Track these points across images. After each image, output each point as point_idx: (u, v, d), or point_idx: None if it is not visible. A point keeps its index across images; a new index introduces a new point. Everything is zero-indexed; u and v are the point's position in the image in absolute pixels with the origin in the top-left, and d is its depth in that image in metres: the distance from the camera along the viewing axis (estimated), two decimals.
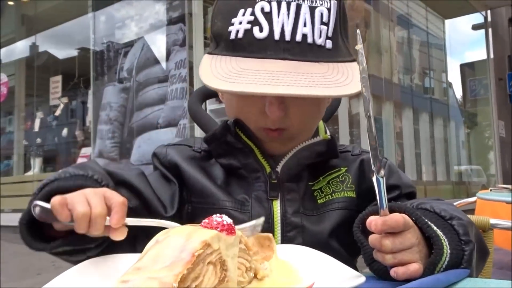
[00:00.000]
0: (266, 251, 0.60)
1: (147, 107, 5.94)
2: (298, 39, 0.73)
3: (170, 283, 0.43)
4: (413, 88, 7.72)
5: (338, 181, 0.86)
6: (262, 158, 0.83)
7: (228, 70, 0.73)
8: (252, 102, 0.79)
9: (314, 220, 0.82)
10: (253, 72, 0.71)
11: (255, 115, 0.79)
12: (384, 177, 0.62)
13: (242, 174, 0.84)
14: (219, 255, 0.50)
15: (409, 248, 0.61)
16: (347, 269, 0.54)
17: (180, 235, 0.50)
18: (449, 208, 0.70)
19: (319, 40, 0.74)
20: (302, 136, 0.84)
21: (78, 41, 7.89)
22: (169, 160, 0.87)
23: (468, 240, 0.64)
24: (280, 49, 0.73)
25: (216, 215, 0.53)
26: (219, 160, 0.86)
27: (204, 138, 0.89)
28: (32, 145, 8.07)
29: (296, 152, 0.83)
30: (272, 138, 0.81)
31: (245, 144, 0.83)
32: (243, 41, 0.74)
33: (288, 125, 0.79)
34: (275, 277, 0.57)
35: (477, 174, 9.50)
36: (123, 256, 0.61)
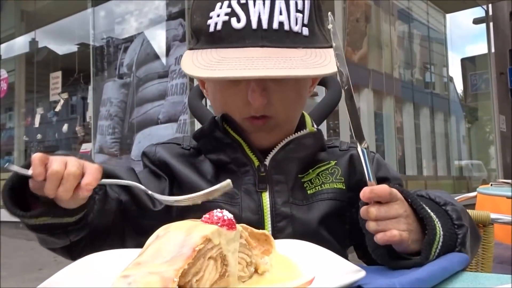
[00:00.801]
0: (264, 245, 0.60)
1: (147, 103, 5.94)
2: (275, 27, 0.76)
3: (171, 278, 0.43)
4: (414, 83, 7.71)
5: (327, 173, 0.88)
6: (250, 152, 0.85)
7: (209, 60, 0.75)
8: (235, 92, 0.80)
9: (304, 209, 0.84)
10: (233, 59, 0.74)
11: (239, 105, 0.81)
12: (367, 148, 0.66)
13: (231, 169, 0.86)
14: (219, 250, 0.50)
15: (394, 218, 0.64)
16: (347, 263, 0.54)
17: (180, 230, 0.50)
18: (443, 195, 0.74)
19: (295, 27, 0.77)
20: (286, 125, 0.86)
21: (78, 36, 7.88)
22: (159, 158, 0.89)
23: (461, 224, 0.68)
24: (258, 38, 0.76)
25: (217, 210, 0.53)
26: (208, 155, 0.88)
27: (193, 135, 0.90)
28: (33, 141, 8.08)
29: (283, 145, 0.85)
30: (258, 127, 0.82)
31: (233, 139, 0.84)
32: (222, 33, 0.77)
33: (272, 113, 0.81)
34: (276, 272, 0.57)
35: (477, 168, 9.51)
36: (124, 251, 0.61)
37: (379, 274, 0.58)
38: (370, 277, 0.51)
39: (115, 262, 0.55)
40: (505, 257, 2.16)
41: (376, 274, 0.59)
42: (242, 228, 0.56)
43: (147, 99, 5.99)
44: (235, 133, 0.84)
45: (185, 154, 0.90)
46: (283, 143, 0.85)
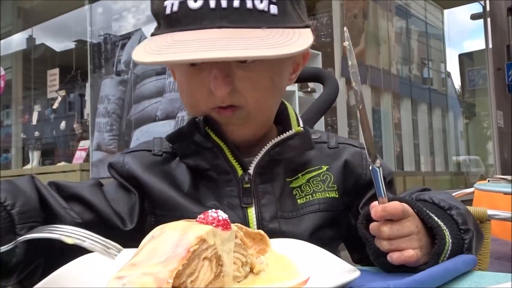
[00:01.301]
0: (260, 245, 0.60)
1: (145, 100, 5.93)
2: (235, 5, 0.69)
3: (165, 279, 0.43)
4: (412, 79, 7.71)
5: (319, 180, 0.81)
6: (233, 159, 0.77)
7: (161, 44, 0.69)
8: (198, 81, 0.74)
9: (294, 222, 0.78)
10: (184, 42, 0.67)
11: (204, 95, 0.74)
12: (380, 167, 0.62)
13: (211, 176, 0.78)
14: (214, 251, 0.50)
15: (407, 235, 0.62)
16: (342, 262, 0.55)
17: (175, 231, 0.50)
18: (447, 197, 0.71)
19: (260, 5, 0.69)
20: (260, 116, 0.78)
21: (75, 33, 7.86)
22: (127, 171, 0.81)
23: (467, 228, 0.66)
24: (217, 17, 0.69)
25: (212, 211, 0.53)
26: (185, 160, 0.80)
27: (168, 136, 0.83)
28: (30, 138, 8.07)
29: (268, 150, 0.78)
30: (226, 119, 0.75)
31: (214, 143, 0.76)
32: (178, 14, 0.70)
33: (241, 102, 0.74)
34: (271, 271, 0.57)
35: (475, 164, 9.52)
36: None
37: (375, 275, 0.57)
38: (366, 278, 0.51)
39: (109, 262, 0.55)
40: (502, 252, 2.16)
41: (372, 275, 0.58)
42: (237, 228, 0.56)
43: (144, 96, 5.98)
44: (217, 137, 0.76)
45: (157, 162, 0.82)
46: (267, 147, 0.78)
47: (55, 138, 8.33)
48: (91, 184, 0.80)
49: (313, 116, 1.32)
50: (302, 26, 0.73)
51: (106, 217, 0.76)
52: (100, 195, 0.78)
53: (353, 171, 0.84)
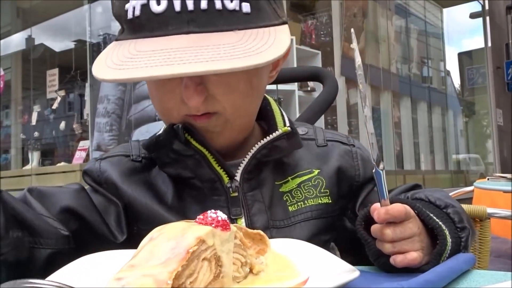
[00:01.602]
0: (259, 244, 0.60)
1: (144, 100, 5.92)
2: (203, 7, 0.62)
3: (165, 280, 0.43)
4: (411, 78, 7.71)
5: (310, 185, 0.77)
6: (217, 165, 0.71)
7: (122, 55, 0.62)
8: (169, 90, 0.68)
9: (286, 232, 0.74)
10: (148, 53, 0.60)
11: (177, 103, 0.68)
12: (383, 170, 0.61)
13: (195, 184, 0.73)
14: (214, 251, 0.50)
15: (410, 237, 0.61)
16: (341, 262, 0.54)
17: (174, 232, 0.50)
18: (442, 196, 0.70)
19: (230, 4, 0.63)
20: (240, 120, 0.72)
21: (75, 33, 7.85)
22: (106, 179, 0.75)
23: (463, 226, 0.66)
24: (183, 22, 0.62)
25: (211, 211, 0.53)
26: (165, 169, 0.74)
27: (144, 145, 0.76)
28: (30, 139, 8.06)
29: (254, 153, 0.73)
30: (204, 127, 0.69)
31: (196, 150, 0.70)
32: (141, 19, 0.64)
33: (218, 108, 0.68)
34: (271, 271, 0.57)
35: (475, 162, 9.52)
36: (117, 253, 0.61)
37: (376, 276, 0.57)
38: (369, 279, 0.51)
39: (109, 264, 0.55)
40: (502, 251, 2.17)
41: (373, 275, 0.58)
42: (236, 228, 0.55)
43: (144, 96, 5.97)
44: (198, 143, 0.70)
45: (137, 169, 0.76)
46: (254, 150, 0.73)
47: (54, 138, 8.32)
48: (76, 190, 0.74)
49: (313, 115, 1.32)
50: (278, 23, 0.67)
51: (97, 226, 0.72)
52: (87, 202, 0.73)
53: (346, 175, 0.81)
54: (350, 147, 0.83)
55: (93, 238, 0.71)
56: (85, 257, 0.59)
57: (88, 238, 0.71)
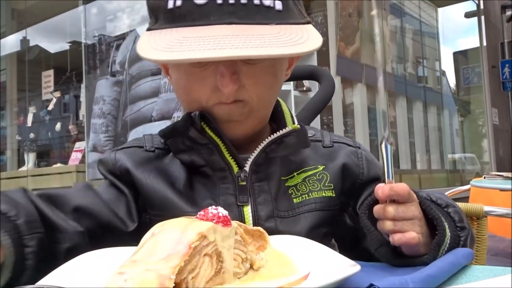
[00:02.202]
0: (259, 241, 0.60)
1: (140, 100, 5.92)
2: (243, 1, 0.67)
3: (168, 275, 0.43)
4: (407, 77, 7.73)
5: (315, 179, 0.80)
6: (229, 155, 0.76)
7: (169, 41, 0.66)
8: (202, 78, 0.72)
9: (290, 222, 0.77)
10: (196, 39, 0.64)
11: (207, 92, 0.72)
12: (392, 144, 0.64)
13: (206, 172, 0.77)
14: (215, 247, 0.50)
15: (411, 219, 0.63)
16: (342, 258, 0.55)
17: (176, 227, 0.50)
18: (443, 196, 0.72)
19: (266, 1, 0.68)
20: (261, 111, 0.77)
21: (70, 34, 7.84)
22: (120, 167, 0.79)
23: (463, 226, 0.67)
24: (224, 13, 0.67)
25: (212, 207, 0.53)
26: (179, 156, 0.78)
27: (162, 132, 0.81)
28: (25, 140, 8.04)
29: (264, 147, 0.77)
30: (230, 112, 0.74)
31: (210, 139, 0.75)
32: (182, 9, 0.68)
33: (246, 97, 0.73)
34: (271, 267, 0.58)
35: (471, 162, 9.56)
36: (119, 249, 0.61)
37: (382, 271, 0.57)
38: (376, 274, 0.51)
39: (110, 260, 0.55)
40: (499, 249, 2.17)
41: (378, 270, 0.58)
42: (237, 224, 0.56)
43: (140, 96, 5.96)
44: (213, 133, 0.75)
45: (150, 158, 0.80)
46: (264, 144, 0.77)
47: (50, 139, 8.30)
48: (83, 189, 0.77)
49: (309, 115, 1.33)
50: (304, 22, 0.72)
51: (107, 220, 0.74)
52: (96, 198, 0.76)
53: (351, 172, 0.84)
54: (355, 148, 0.87)
55: (105, 232, 0.74)
56: (85, 254, 0.59)
57: (101, 232, 0.73)
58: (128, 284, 0.44)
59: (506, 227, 2.28)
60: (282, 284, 0.52)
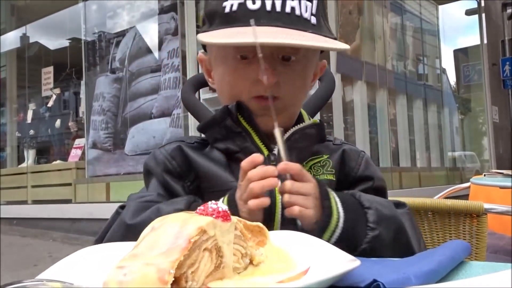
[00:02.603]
0: (259, 237, 0.60)
1: (140, 97, 5.92)
2: (287, 11, 0.81)
3: (167, 269, 0.43)
4: (407, 75, 7.72)
5: (319, 165, 0.90)
6: (260, 142, 0.87)
7: (226, 33, 0.79)
8: (245, 73, 0.84)
9: None
10: (250, 31, 0.75)
11: (248, 85, 0.84)
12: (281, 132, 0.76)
13: (240, 158, 0.83)
14: (214, 242, 0.50)
15: (306, 195, 0.73)
16: (342, 253, 0.55)
17: (175, 222, 0.50)
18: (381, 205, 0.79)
19: (305, 14, 0.82)
20: (291, 110, 0.89)
21: (69, 31, 7.83)
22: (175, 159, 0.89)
23: (374, 227, 0.75)
24: (272, 19, 0.80)
25: (211, 202, 0.53)
26: (216, 145, 0.89)
27: (199, 126, 0.92)
28: (25, 137, 8.04)
29: (289, 136, 0.87)
30: (265, 108, 0.82)
31: (243, 128, 0.86)
32: (237, 13, 0.81)
33: (280, 94, 0.84)
34: (271, 263, 0.57)
35: (471, 159, 9.56)
36: (119, 244, 0.61)
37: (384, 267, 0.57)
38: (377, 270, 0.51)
39: (110, 254, 0.55)
40: (498, 246, 2.17)
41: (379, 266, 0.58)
42: (236, 220, 0.55)
43: (140, 93, 5.96)
44: (246, 122, 0.87)
45: (194, 147, 0.91)
46: (289, 133, 0.88)
47: (50, 136, 8.30)
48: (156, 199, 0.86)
49: (310, 112, 1.32)
50: (333, 37, 0.85)
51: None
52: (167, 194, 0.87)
53: (348, 161, 0.93)
54: (360, 151, 0.97)
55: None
56: (85, 249, 0.59)
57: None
58: (127, 278, 0.44)
59: (505, 225, 2.28)
60: (282, 279, 0.52)
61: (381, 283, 0.46)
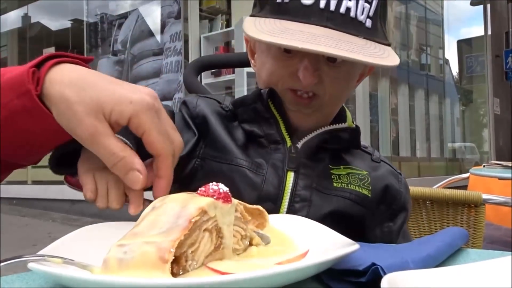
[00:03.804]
0: (258, 219, 0.60)
1: (141, 80, 5.90)
2: (342, 11, 0.76)
3: (167, 248, 0.44)
4: (410, 65, 7.69)
5: (357, 177, 0.87)
6: (286, 132, 0.85)
7: (272, 28, 0.75)
8: (286, 65, 0.81)
9: (324, 198, 0.83)
10: (297, 31, 0.73)
11: (285, 76, 0.82)
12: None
13: (262, 143, 0.86)
14: (215, 223, 0.50)
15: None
16: (341, 237, 0.55)
17: (176, 202, 0.50)
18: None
19: (361, 16, 0.77)
20: (328, 110, 0.86)
21: (71, 12, 7.77)
22: (198, 112, 0.88)
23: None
24: (323, 18, 0.76)
25: (213, 183, 0.53)
26: (243, 124, 0.88)
27: (233, 102, 0.91)
28: None
29: (318, 134, 0.85)
30: (301, 105, 0.83)
31: (272, 115, 0.85)
32: (289, 5, 0.78)
33: (320, 92, 0.81)
34: (270, 245, 0.58)
35: (470, 151, 9.57)
36: (119, 223, 0.62)
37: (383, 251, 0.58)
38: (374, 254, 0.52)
39: (110, 232, 0.56)
40: (495, 237, 2.19)
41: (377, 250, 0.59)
42: (237, 202, 0.56)
43: (141, 76, 5.95)
44: (276, 110, 0.85)
45: (222, 115, 0.90)
46: (319, 131, 0.85)
47: None
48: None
49: None
50: (386, 44, 0.81)
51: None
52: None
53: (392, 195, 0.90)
54: (398, 174, 0.94)
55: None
56: (85, 227, 0.59)
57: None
58: (128, 255, 0.44)
59: (502, 216, 2.29)
60: (280, 261, 0.52)
61: (379, 266, 0.46)
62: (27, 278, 0.52)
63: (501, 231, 2.24)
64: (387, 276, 0.40)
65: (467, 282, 0.43)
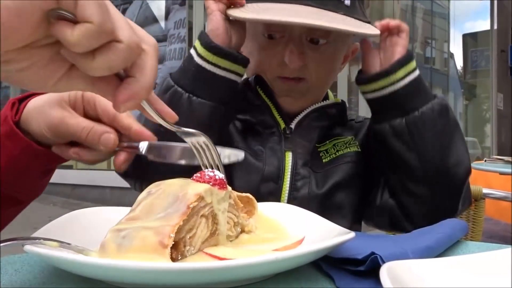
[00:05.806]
0: (247, 207, 0.60)
1: None
2: None
3: (167, 233, 0.43)
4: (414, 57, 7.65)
5: (343, 143, 0.91)
6: (278, 115, 0.88)
7: (255, 9, 0.79)
8: (273, 53, 0.84)
9: (320, 176, 0.87)
10: (279, 9, 0.77)
11: (273, 65, 0.85)
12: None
13: (257, 130, 0.89)
14: (211, 209, 0.50)
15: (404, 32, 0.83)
16: (335, 226, 0.55)
17: (173, 187, 0.50)
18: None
19: None
20: (316, 92, 0.89)
21: None
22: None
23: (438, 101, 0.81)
24: None
25: (208, 170, 0.53)
26: (237, 115, 0.91)
27: None
28: None
29: (308, 113, 0.89)
30: (290, 88, 0.85)
31: (262, 101, 0.88)
32: None
33: (307, 75, 0.84)
34: (261, 233, 0.58)
35: (472, 146, 9.55)
36: (114, 208, 0.61)
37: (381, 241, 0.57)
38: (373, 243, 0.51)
39: (105, 217, 0.55)
40: (494, 232, 2.19)
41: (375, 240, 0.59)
42: (230, 189, 0.55)
43: None
44: (265, 96, 0.88)
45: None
46: (308, 110, 0.89)
47: None
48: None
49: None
50: (365, 21, 0.84)
51: None
52: None
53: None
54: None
55: None
56: (81, 210, 0.59)
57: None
58: (126, 241, 0.44)
59: (502, 211, 2.29)
60: (277, 247, 0.52)
61: (378, 255, 0.46)
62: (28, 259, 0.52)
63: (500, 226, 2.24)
64: (386, 265, 0.40)
65: (466, 272, 0.43)
